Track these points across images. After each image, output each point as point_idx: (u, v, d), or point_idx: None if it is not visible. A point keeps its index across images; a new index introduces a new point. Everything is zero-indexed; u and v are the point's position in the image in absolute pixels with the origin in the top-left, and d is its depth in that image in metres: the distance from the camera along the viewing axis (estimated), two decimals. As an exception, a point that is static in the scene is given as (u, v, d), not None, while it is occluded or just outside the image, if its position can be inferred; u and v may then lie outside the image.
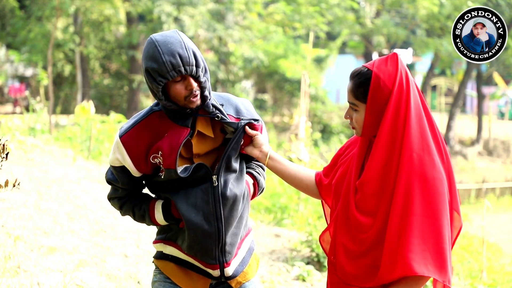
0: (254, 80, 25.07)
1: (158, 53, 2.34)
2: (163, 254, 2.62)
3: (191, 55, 2.37)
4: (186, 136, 2.44)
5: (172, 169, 2.43)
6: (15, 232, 5.10)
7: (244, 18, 21.81)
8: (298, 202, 8.05)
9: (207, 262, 2.52)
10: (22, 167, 7.42)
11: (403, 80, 2.31)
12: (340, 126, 23.16)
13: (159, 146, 2.45)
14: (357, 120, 2.40)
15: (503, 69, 29.91)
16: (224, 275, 2.55)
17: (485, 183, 19.35)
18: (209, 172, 2.48)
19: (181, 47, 2.35)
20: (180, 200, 2.48)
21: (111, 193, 2.64)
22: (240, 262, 2.61)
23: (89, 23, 20.71)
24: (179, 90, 2.39)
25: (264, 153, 2.59)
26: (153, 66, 2.34)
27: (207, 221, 2.47)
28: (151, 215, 2.56)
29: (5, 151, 2.80)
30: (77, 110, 10.92)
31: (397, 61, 2.33)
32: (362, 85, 2.34)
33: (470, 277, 6.82)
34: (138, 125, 2.49)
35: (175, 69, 2.34)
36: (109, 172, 2.60)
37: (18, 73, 26.28)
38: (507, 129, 28.48)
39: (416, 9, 22.06)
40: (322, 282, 5.78)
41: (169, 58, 2.33)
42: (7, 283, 4.16)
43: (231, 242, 2.54)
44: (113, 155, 2.52)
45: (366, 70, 2.34)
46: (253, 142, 2.59)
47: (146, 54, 2.39)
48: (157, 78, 2.36)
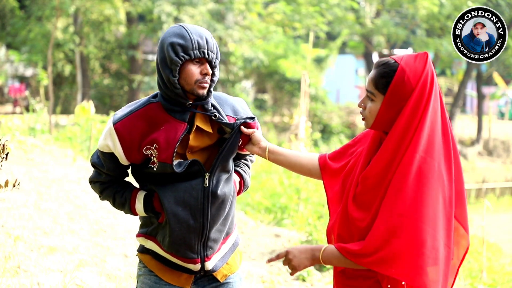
0: (254, 80, 25.06)
1: (186, 32, 2.40)
2: (144, 248, 2.63)
3: (215, 46, 2.46)
4: (184, 131, 2.44)
5: (168, 163, 2.43)
6: (15, 232, 5.10)
7: (244, 18, 21.81)
8: (298, 202, 8.05)
9: (187, 257, 2.52)
10: (22, 167, 7.42)
11: (427, 80, 2.27)
12: (340, 126, 23.15)
13: (155, 139, 2.44)
14: (371, 110, 2.35)
15: (503, 69, 29.91)
16: (204, 269, 2.56)
17: (485, 183, 19.36)
18: (202, 170, 2.48)
19: (209, 35, 2.46)
20: (167, 193, 2.48)
21: (93, 176, 2.62)
22: (221, 258, 2.62)
23: (89, 23, 20.71)
24: (193, 71, 2.41)
25: (263, 148, 2.61)
26: (179, 41, 2.38)
27: (193, 216, 2.48)
28: (132, 204, 2.56)
29: (5, 151, 2.80)
30: (77, 110, 10.93)
31: (426, 60, 2.29)
32: (385, 76, 2.30)
33: (470, 277, 6.82)
34: (133, 114, 2.48)
35: (200, 49, 2.39)
36: (96, 155, 2.58)
37: (18, 73, 26.28)
38: (507, 129, 28.47)
39: (416, 9, 22.05)
40: (322, 282, 5.78)
41: (196, 37, 2.39)
42: (7, 283, 4.16)
43: (214, 238, 2.55)
44: (104, 141, 2.51)
45: (393, 62, 2.31)
46: (251, 139, 2.60)
47: (171, 33, 2.42)
48: (179, 53, 2.38)
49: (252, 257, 6.23)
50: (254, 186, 9.32)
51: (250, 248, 6.49)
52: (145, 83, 20.59)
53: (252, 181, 9.62)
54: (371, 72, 2.37)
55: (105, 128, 2.51)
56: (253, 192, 8.91)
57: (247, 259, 6.15)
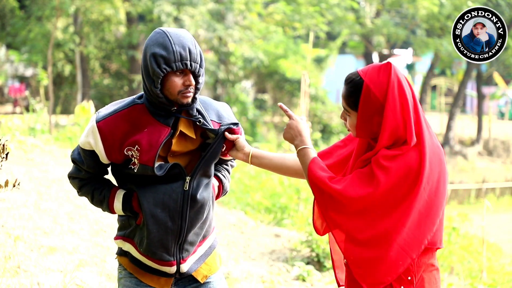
0: (254, 80, 25.05)
1: (168, 42, 2.38)
2: (122, 251, 2.63)
3: (199, 54, 2.43)
4: (167, 135, 2.45)
5: (149, 166, 2.43)
6: (15, 232, 5.10)
7: (244, 18, 21.80)
8: (298, 202, 8.05)
9: (163, 259, 2.52)
10: (22, 167, 7.42)
11: (395, 91, 2.31)
12: (340, 126, 23.14)
13: (137, 140, 2.44)
14: (350, 125, 2.44)
15: (503, 69, 29.90)
16: (179, 271, 2.56)
17: (485, 183, 19.35)
18: (183, 173, 2.49)
19: (192, 43, 2.42)
20: (147, 194, 2.48)
21: (73, 171, 2.61)
22: (196, 260, 2.62)
23: (89, 23, 20.70)
24: (176, 83, 2.41)
25: (247, 153, 2.63)
26: (161, 53, 2.37)
27: (172, 218, 2.49)
28: (110, 202, 2.56)
29: (5, 151, 2.80)
30: (77, 110, 10.93)
31: (389, 71, 2.32)
32: (353, 95, 2.37)
33: (470, 277, 6.82)
34: (117, 114, 2.48)
35: (182, 61, 2.38)
36: (76, 152, 2.58)
37: (18, 73, 26.26)
38: (507, 129, 28.46)
39: (416, 9, 22.05)
40: (322, 282, 5.78)
41: (179, 49, 2.37)
42: (7, 283, 4.16)
43: (191, 241, 2.56)
44: (86, 138, 2.50)
45: (359, 78, 2.36)
46: (235, 145, 2.62)
47: (155, 41, 2.40)
48: (161, 65, 2.37)
49: (252, 257, 6.23)
50: (254, 186, 9.32)
51: (250, 248, 6.49)
52: (143, 85, 20.56)
53: (252, 181, 9.62)
54: (342, 88, 2.43)
55: (88, 125, 2.51)
56: (253, 192, 8.91)
57: (247, 259, 6.15)
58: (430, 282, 2.38)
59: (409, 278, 2.34)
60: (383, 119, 2.32)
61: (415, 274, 2.35)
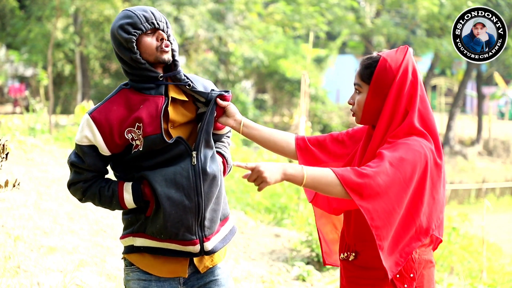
0: (254, 80, 25.06)
1: (130, 11, 2.48)
2: (134, 248, 2.58)
3: (163, 17, 2.53)
4: (164, 102, 2.48)
5: (157, 133, 2.44)
6: (15, 232, 5.10)
7: (244, 18, 21.81)
8: (298, 202, 8.05)
9: (186, 239, 2.50)
10: (22, 167, 7.42)
11: (408, 68, 2.40)
12: (340, 126, 23.15)
13: (136, 117, 2.45)
14: (359, 102, 2.46)
15: (503, 69, 29.91)
16: (204, 250, 2.54)
17: (485, 183, 19.36)
18: (188, 148, 2.49)
19: (154, 9, 2.52)
20: (157, 178, 2.46)
21: (73, 177, 2.54)
22: (221, 239, 2.62)
23: (89, 23, 20.70)
24: (150, 42, 2.47)
25: (238, 121, 2.63)
26: (126, 21, 2.46)
27: (188, 196, 2.47)
28: (120, 196, 2.51)
29: (5, 151, 2.80)
30: (77, 110, 10.93)
31: (406, 52, 2.43)
32: (369, 67, 2.43)
33: (470, 277, 6.82)
34: (108, 101, 2.51)
35: (148, 21, 2.46)
36: (73, 155, 2.54)
37: (18, 73, 26.27)
38: (507, 129, 28.48)
39: (416, 9, 22.06)
40: (322, 282, 5.78)
41: (141, 12, 2.47)
42: (7, 283, 4.16)
43: (210, 218, 2.54)
44: (82, 133, 2.48)
45: (376, 55, 2.45)
46: (226, 112, 2.61)
47: (117, 18, 2.50)
48: (131, 31, 2.44)
49: (252, 257, 6.23)
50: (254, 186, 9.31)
51: (250, 248, 6.49)
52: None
53: (252, 181, 9.61)
54: (357, 68, 2.49)
55: (81, 122, 2.50)
56: (253, 192, 8.91)
57: (247, 259, 6.15)
58: (428, 278, 2.43)
59: (411, 276, 2.38)
60: (389, 91, 2.37)
61: (416, 271, 2.38)
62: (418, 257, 2.38)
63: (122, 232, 2.63)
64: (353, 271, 2.47)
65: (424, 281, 2.40)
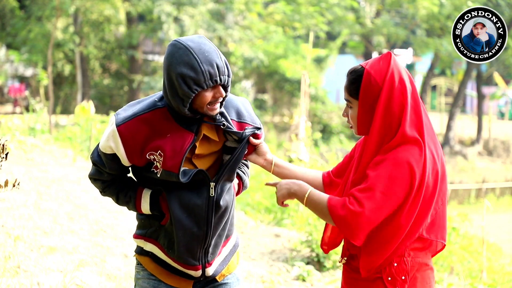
0: (254, 80, 25.05)
1: (195, 61, 2.31)
2: (143, 251, 2.60)
3: (225, 65, 2.39)
4: (192, 141, 2.39)
5: (174, 173, 2.38)
6: (15, 232, 5.10)
7: (244, 18, 21.81)
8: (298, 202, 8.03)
9: (189, 263, 2.50)
10: (22, 167, 7.42)
11: (394, 78, 2.35)
12: (340, 126, 23.15)
13: (160, 146, 2.39)
14: (352, 117, 2.46)
15: (503, 69, 29.90)
16: (205, 275, 2.54)
17: (485, 183, 19.36)
18: (207, 178, 2.45)
19: (217, 56, 2.36)
20: (172, 199, 2.45)
21: (94, 173, 2.56)
22: (221, 261, 2.61)
23: (89, 23, 20.71)
24: (206, 98, 2.36)
25: (269, 161, 2.60)
26: (189, 74, 2.30)
27: (198, 224, 2.45)
28: (137, 204, 2.52)
29: (5, 151, 2.80)
30: (77, 110, 10.93)
31: (389, 59, 2.37)
32: (354, 82, 2.41)
33: (470, 277, 6.82)
34: (138, 117, 2.42)
35: (212, 79, 2.33)
36: (97, 154, 2.52)
37: (18, 73, 26.26)
38: (507, 129, 28.47)
39: (416, 9, 22.06)
40: (322, 282, 5.78)
41: (207, 68, 2.31)
42: (7, 283, 4.16)
43: (215, 244, 2.54)
44: (107, 142, 2.45)
45: (360, 67, 2.41)
46: (257, 150, 2.58)
47: (179, 59, 2.32)
48: (192, 87, 2.31)
49: (252, 257, 6.23)
50: (254, 186, 9.31)
51: (250, 248, 6.48)
52: (145, 83, 20.59)
53: (252, 181, 9.61)
54: (345, 82, 2.46)
55: (108, 129, 2.45)
56: (253, 192, 8.91)
57: (247, 259, 6.15)
58: (423, 281, 2.40)
59: (403, 278, 2.37)
60: (377, 103, 2.34)
61: (408, 273, 2.37)
62: (411, 260, 2.38)
63: (135, 230, 2.64)
64: (350, 272, 2.49)
65: (418, 284, 2.38)
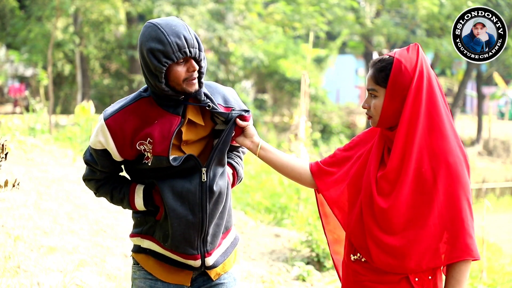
0: (254, 80, 25.04)
1: (162, 34, 2.33)
2: (141, 248, 2.60)
3: (195, 38, 2.40)
4: (178, 124, 2.43)
5: (164, 156, 2.41)
6: (15, 232, 5.10)
7: (244, 18, 21.81)
8: (298, 202, 8.04)
9: (187, 253, 2.50)
10: (22, 167, 7.42)
11: (423, 68, 2.35)
12: (340, 126, 23.15)
13: (149, 133, 2.42)
14: (375, 107, 2.41)
15: (503, 69, 29.90)
16: (205, 265, 2.54)
17: (485, 183, 19.36)
18: (198, 164, 2.47)
19: (185, 29, 2.37)
20: (165, 189, 2.46)
21: (87, 174, 2.59)
22: (222, 253, 2.61)
23: (89, 23, 20.70)
24: (180, 73, 2.38)
25: (256, 143, 2.60)
26: (157, 47, 2.33)
27: (192, 211, 2.46)
28: (131, 199, 2.54)
29: (4, 151, 2.80)
30: (77, 110, 10.92)
31: (418, 50, 2.37)
32: (383, 69, 2.37)
33: (470, 277, 6.82)
34: (125, 109, 2.46)
35: (180, 50, 2.34)
36: (88, 153, 2.55)
37: (18, 73, 26.28)
38: (507, 129, 28.47)
39: (416, 9, 22.05)
40: (322, 282, 5.78)
41: (174, 39, 2.33)
42: (7, 283, 4.16)
43: (213, 233, 2.54)
44: (96, 137, 2.48)
45: (388, 57, 2.39)
46: (245, 132, 2.58)
47: (148, 35, 2.36)
48: (162, 60, 2.34)
49: (252, 257, 6.23)
50: (254, 186, 9.31)
51: (250, 248, 6.48)
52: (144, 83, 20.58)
53: (252, 181, 9.62)
54: (369, 72, 2.43)
55: (97, 125, 2.49)
56: (253, 192, 8.91)
57: (247, 259, 6.15)
58: (440, 280, 2.43)
59: (430, 278, 2.38)
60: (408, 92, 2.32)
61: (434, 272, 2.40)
62: None
63: (132, 229, 2.64)
64: (365, 274, 2.42)
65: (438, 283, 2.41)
